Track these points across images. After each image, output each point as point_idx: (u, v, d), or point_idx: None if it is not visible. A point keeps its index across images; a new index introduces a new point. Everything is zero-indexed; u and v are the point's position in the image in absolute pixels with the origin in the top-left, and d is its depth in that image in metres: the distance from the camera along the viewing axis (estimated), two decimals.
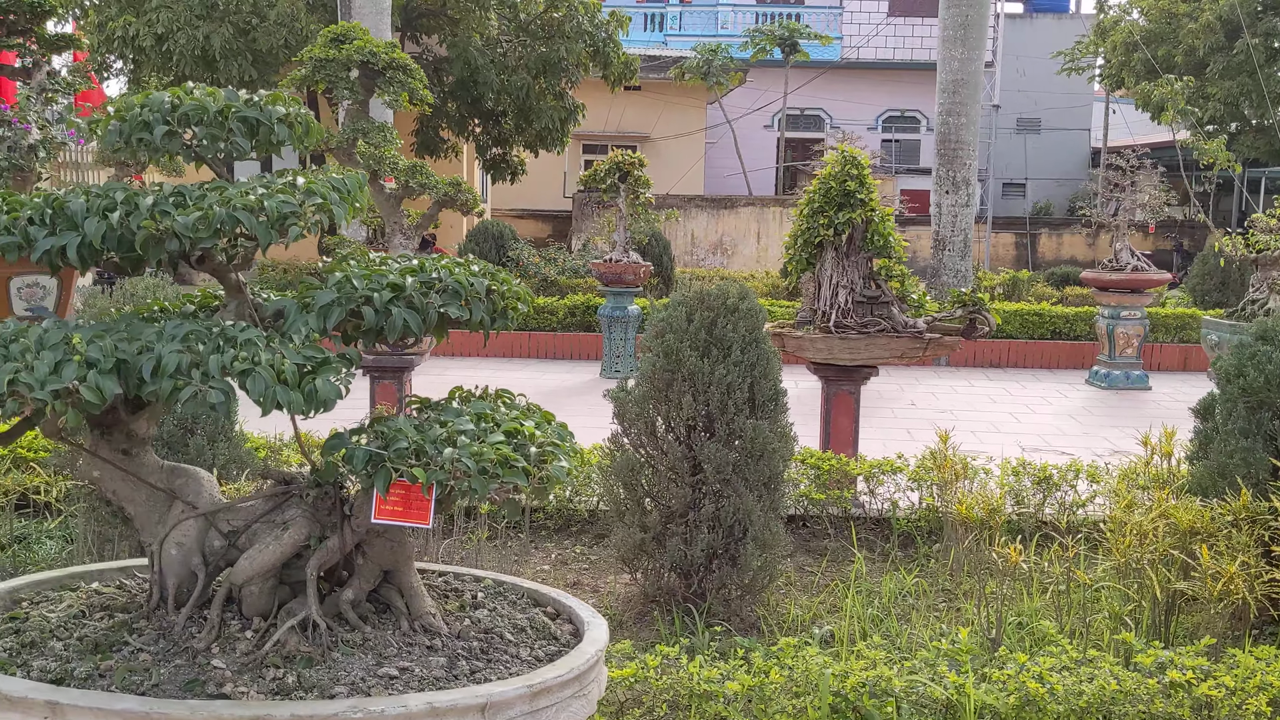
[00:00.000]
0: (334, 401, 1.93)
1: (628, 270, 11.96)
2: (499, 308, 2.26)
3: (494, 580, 2.62)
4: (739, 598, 4.66)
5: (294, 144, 2.25)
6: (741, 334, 4.62)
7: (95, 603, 2.36)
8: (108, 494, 2.30)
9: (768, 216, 22.98)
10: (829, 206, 6.52)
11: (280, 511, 2.28)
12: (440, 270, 2.19)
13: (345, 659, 2.13)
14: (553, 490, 2.05)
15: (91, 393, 1.87)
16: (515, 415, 2.18)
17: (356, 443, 2.06)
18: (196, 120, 2.19)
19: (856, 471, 5.92)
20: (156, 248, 2.05)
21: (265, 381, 1.87)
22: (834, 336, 6.37)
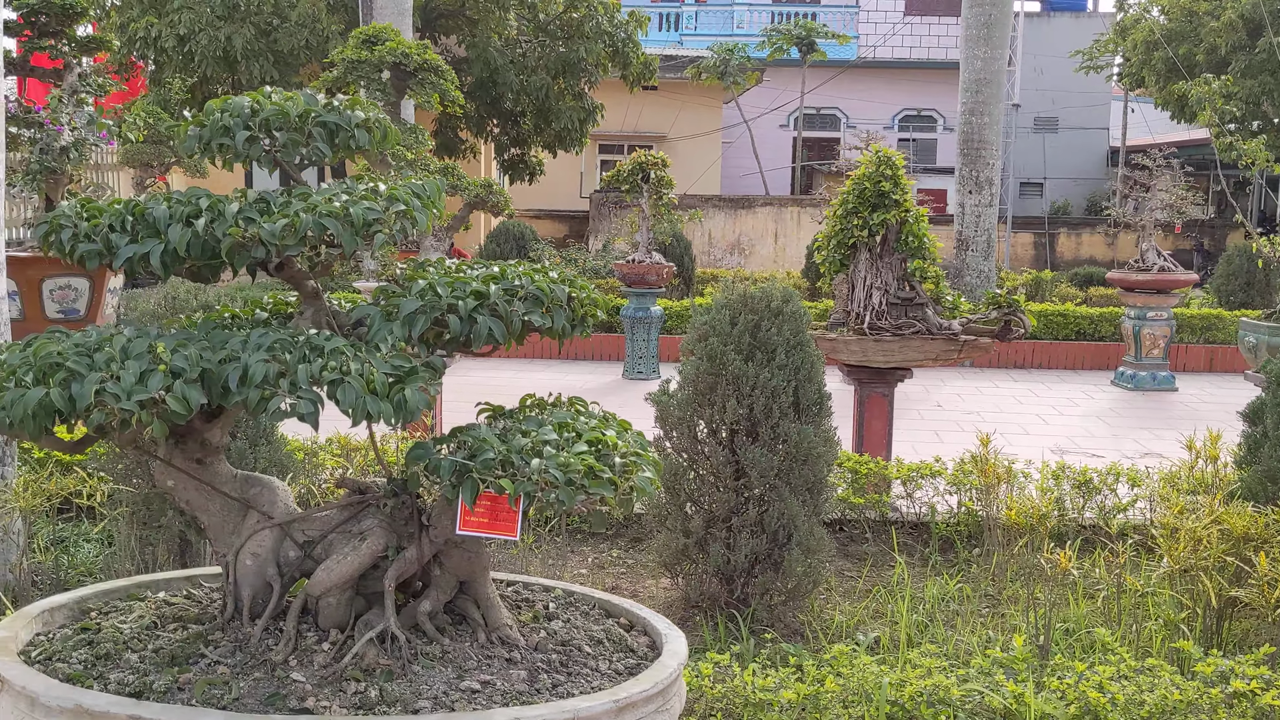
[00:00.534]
0: (420, 411, 1.91)
1: (651, 271, 11.92)
2: (578, 315, 2.23)
3: (564, 590, 2.59)
4: (783, 603, 4.62)
5: (372, 149, 2.22)
6: (786, 337, 4.58)
7: (166, 613, 2.33)
8: (181, 504, 2.27)
9: (785, 216, 22.92)
10: (863, 207, 6.48)
11: (356, 521, 2.25)
12: (522, 278, 2.16)
13: (426, 672, 2.10)
14: (638, 501, 2.01)
15: (178, 403, 1.84)
16: (595, 424, 2.15)
17: (441, 452, 2.03)
18: (278, 126, 2.16)
19: (894, 475, 5.88)
20: (242, 255, 2.02)
21: (356, 392, 1.84)
22: (868, 338, 6.32)
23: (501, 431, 2.08)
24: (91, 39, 7.95)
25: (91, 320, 7.23)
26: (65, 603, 2.39)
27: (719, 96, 26.75)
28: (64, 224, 2.13)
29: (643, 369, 12.01)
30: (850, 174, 6.85)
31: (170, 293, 4.72)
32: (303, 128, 2.18)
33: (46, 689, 1.93)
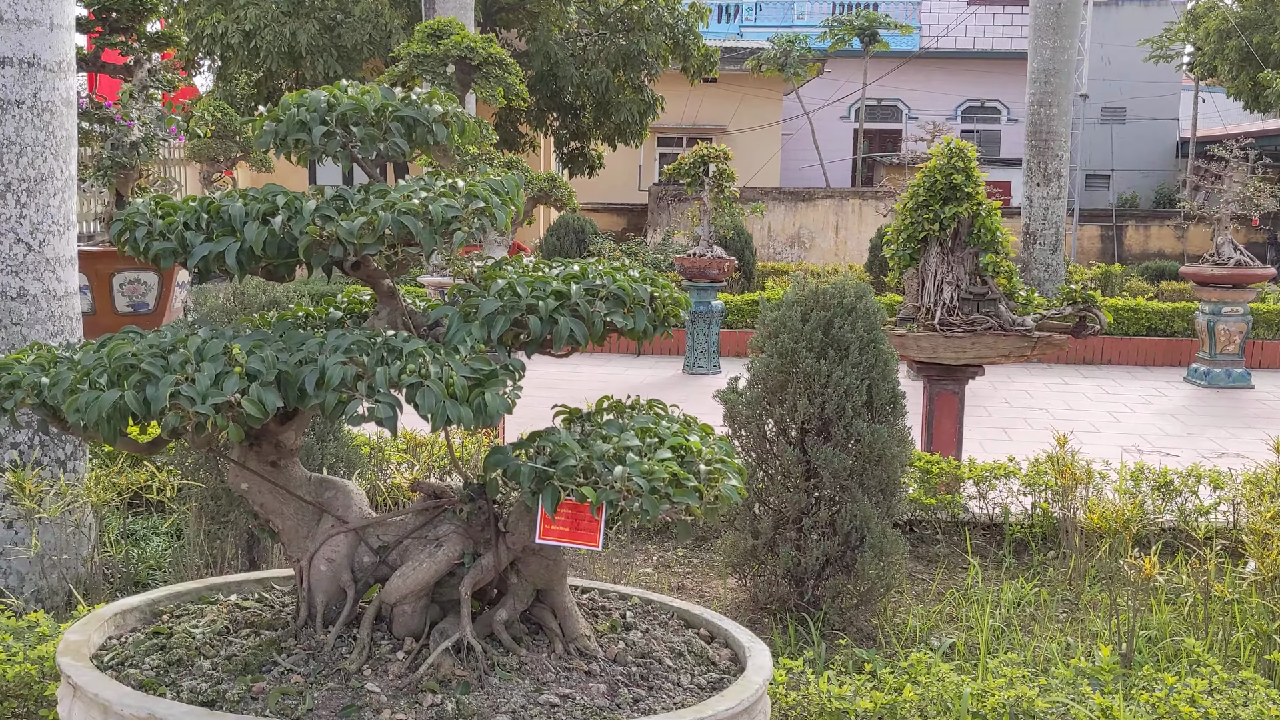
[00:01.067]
0: (500, 416, 1.84)
1: (712, 265, 11.83)
2: (660, 315, 2.15)
3: (641, 599, 2.52)
4: (855, 607, 4.52)
5: (451, 144, 2.16)
6: (860, 334, 4.48)
7: (239, 618, 2.29)
8: (255, 507, 2.23)
9: (846, 209, 22.70)
10: (934, 200, 6.34)
11: (432, 527, 2.19)
12: (603, 277, 2.09)
13: (503, 684, 2.04)
14: (723, 510, 1.94)
15: (254, 406, 1.80)
16: (677, 429, 2.07)
17: (520, 458, 1.97)
18: (355, 120, 2.10)
19: (967, 475, 5.74)
20: (319, 254, 1.97)
21: (435, 396, 1.78)
22: (939, 335, 6.19)
23: (581, 436, 2.01)
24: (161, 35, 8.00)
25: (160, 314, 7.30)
26: (137, 605, 2.36)
27: (779, 88, 26.55)
28: (138, 222, 2.09)
29: (703, 364, 11.92)
30: (916, 165, 6.71)
31: (239, 289, 4.71)
32: (380, 122, 2.13)
33: (119, 697, 1.89)
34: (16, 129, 4.58)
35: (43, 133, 4.66)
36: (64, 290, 4.77)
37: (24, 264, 4.58)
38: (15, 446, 4.55)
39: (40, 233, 4.67)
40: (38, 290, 4.63)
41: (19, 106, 4.59)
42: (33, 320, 4.63)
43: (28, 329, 4.62)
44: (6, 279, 4.55)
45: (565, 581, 2.23)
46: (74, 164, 4.95)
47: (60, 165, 4.75)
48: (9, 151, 4.57)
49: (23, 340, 4.59)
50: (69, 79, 4.81)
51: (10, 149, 4.57)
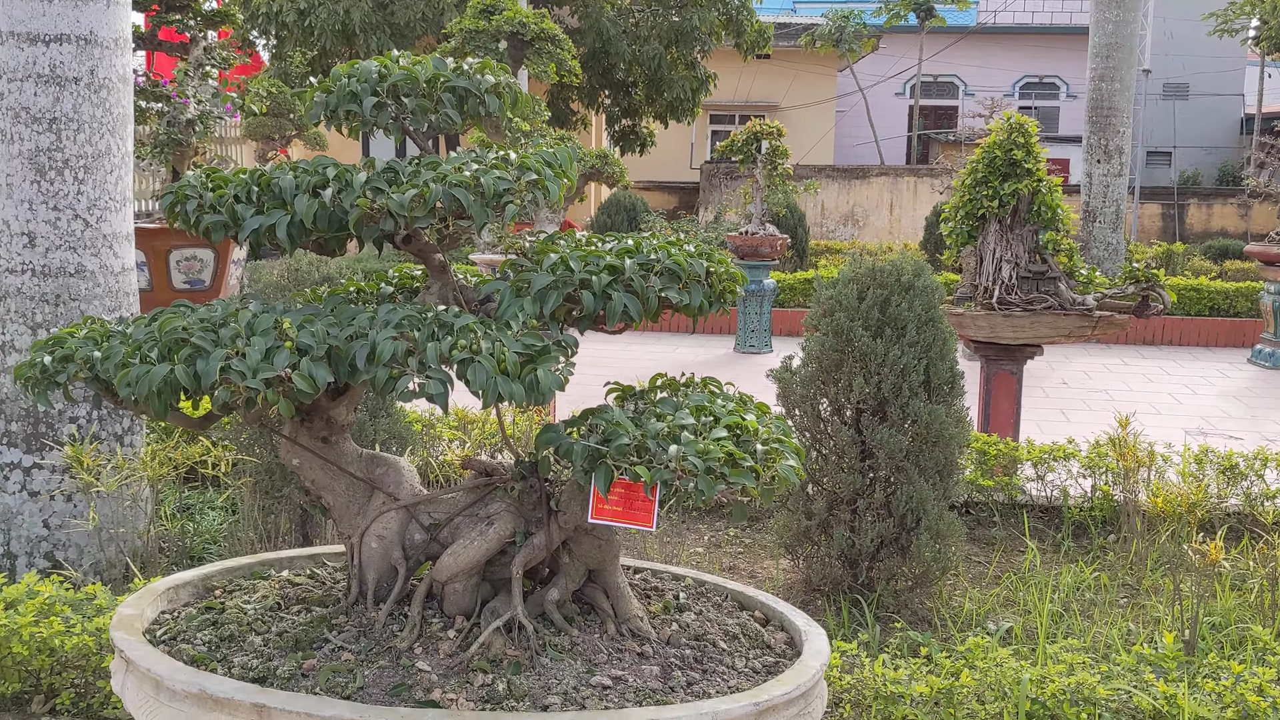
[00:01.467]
0: (553, 393, 1.80)
1: (764, 243, 11.73)
2: (716, 290, 2.10)
3: (694, 580, 2.48)
4: (910, 590, 4.45)
5: (502, 115, 2.12)
6: (917, 313, 4.40)
7: (290, 594, 2.28)
8: (306, 483, 2.22)
9: (901, 187, 22.43)
10: (993, 177, 6.23)
11: (483, 505, 2.17)
12: (658, 251, 2.04)
13: (554, 665, 2.01)
14: (780, 491, 1.89)
15: (304, 381, 1.77)
16: (733, 408, 2.02)
17: (572, 436, 1.93)
18: (406, 91, 2.07)
19: (1025, 457, 5.64)
20: (369, 228, 1.94)
21: (487, 372, 1.75)
22: (997, 314, 6.08)
23: (635, 415, 1.97)
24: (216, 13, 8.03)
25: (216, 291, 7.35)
26: (190, 580, 2.36)
27: (833, 65, 26.26)
28: (189, 195, 2.07)
29: (754, 343, 11.84)
30: (973, 142, 6.59)
31: (293, 264, 4.72)
32: (431, 93, 2.09)
33: (171, 672, 1.89)
34: (74, 105, 4.61)
35: (100, 109, 4.69)
36: (121, 266, 4.80)
37: (81, 240, 4.62)
38: (74, 421, 4.60)
39: (97, 209, 4.70)
40: (95, 266, 4.66)
41: (76, 83, 4.62)
42: (90, 296, 4.66)
43: (85, 305, 4.66)
44: (65, 255, 4.59)
45: (618, 561, 2.20)
46: (130, 141, 4.97)
47: (117, 142, 4.78)
48: (67, 128, 4.60)
49: (80, 316, 4.63)
50: (125, 55, 4.83)
51: (68, 126, 4.61)
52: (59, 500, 4.60)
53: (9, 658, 3.45)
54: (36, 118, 4.57)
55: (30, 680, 3.54)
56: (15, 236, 4.60)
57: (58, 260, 4.61)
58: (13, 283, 4.60)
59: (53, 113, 4.57)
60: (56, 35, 4.59)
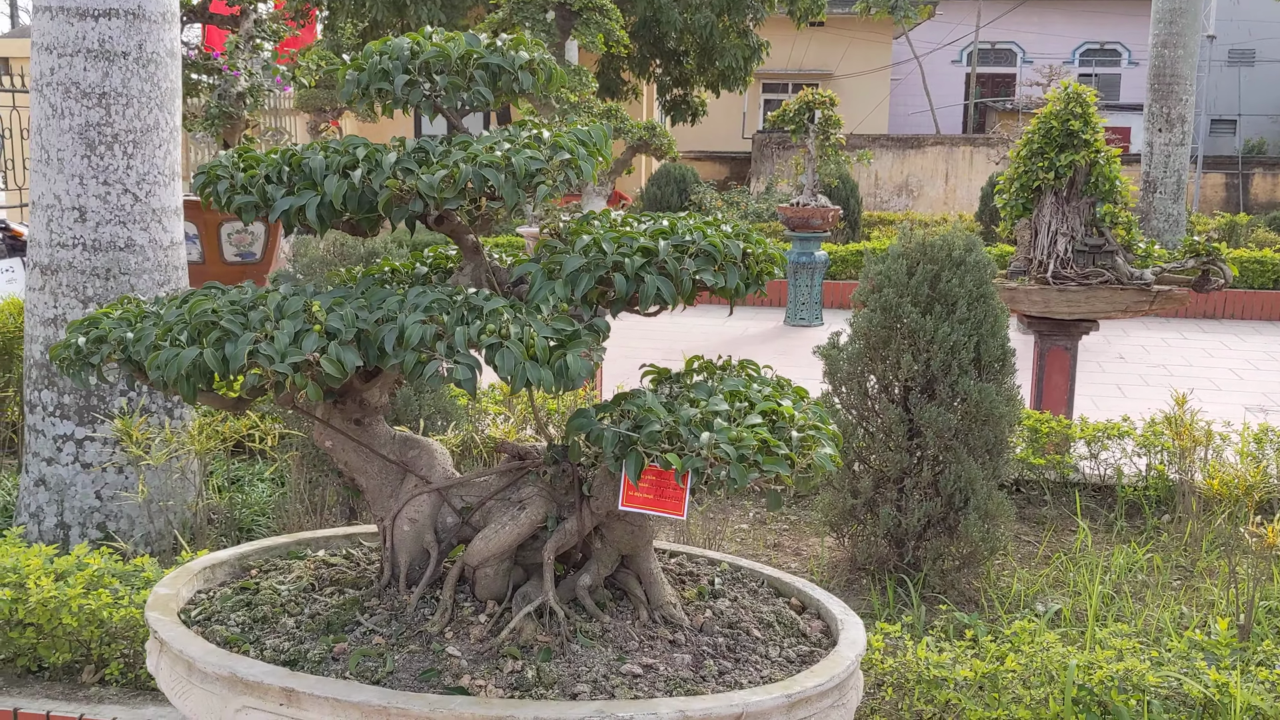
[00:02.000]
0: (583, 379, 1.77)
1: (815, 214, 11.61)
2: (753, 272, 2.06)
3: (730, 565, 2.44)
4: (956, 570, 4.39)
5: (536, 91, 2.08)
6: (969, 289, 4.31)
7: (325, 575, 2.28)
8: (340, 465, 2.21)
9: (956, 156, 22.12)
10: (1049, 148, 6.10)
11: (515, 489, 2.14)
12: (693, 232, 2.00)
13: (585, 652, 1.99)
14: (817, 480, 1.85)
15: (332, 365, 1.76)
16: (769, 393, 1.98)
17: (603, 421, 1.90)
18: (438, 69, 2.03)
19: (1078, 435, 5.54)
20: (399, 209, 1.92)
21: (515, 358, 1.72)
22: (1051, 288, 5.97)
23: (668, 399, 1.93)
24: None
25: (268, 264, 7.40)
26: (227, 559, 2.37)
27: (888, 32, 25.88)
28: (220, 175, 2.06)
29: (805, 315, 11.75)
30: (1030, 111, 6.46)
31: (339, 239, 4.73)
32: (464, 70, 2.06)
33: (203, 654, 1.89)
34: (123, 80, 4.63)
35: (148, 84, 4.71)
36: (170, 240, 4.83)
37: (131, 214, 4.65)
38: (124, 394, 4.65)
39: (146, 183, 4.73)
40: (144, 240, 4.70)
41: (125, 58, 4.64)
42: (139, 270, 4.70)
43: (135, 279, 4.70)
44: (114, 229, 4.63)
45: (651, 547, 2.17)
46: (179, 115, 4.99)
47: (165, 116, 4.80)
48: (116, 103, 4.63)
49: (130, 290, 4.67)
50: (173, 29, 4.84)
51: (117, 100, 4.63)
52: (110, 472, 4.66)
53: (59, 629, 3.50)
54: (86, 93, 4.60)
55: (80, 650, 3.60)
56: (66, 211, 4.65)
57: (108, 235, 4.65)
58: (64, 257, 4.65)
59: (102, 87, 4.60)
60: (105, 10, 4.61)
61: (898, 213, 18.79)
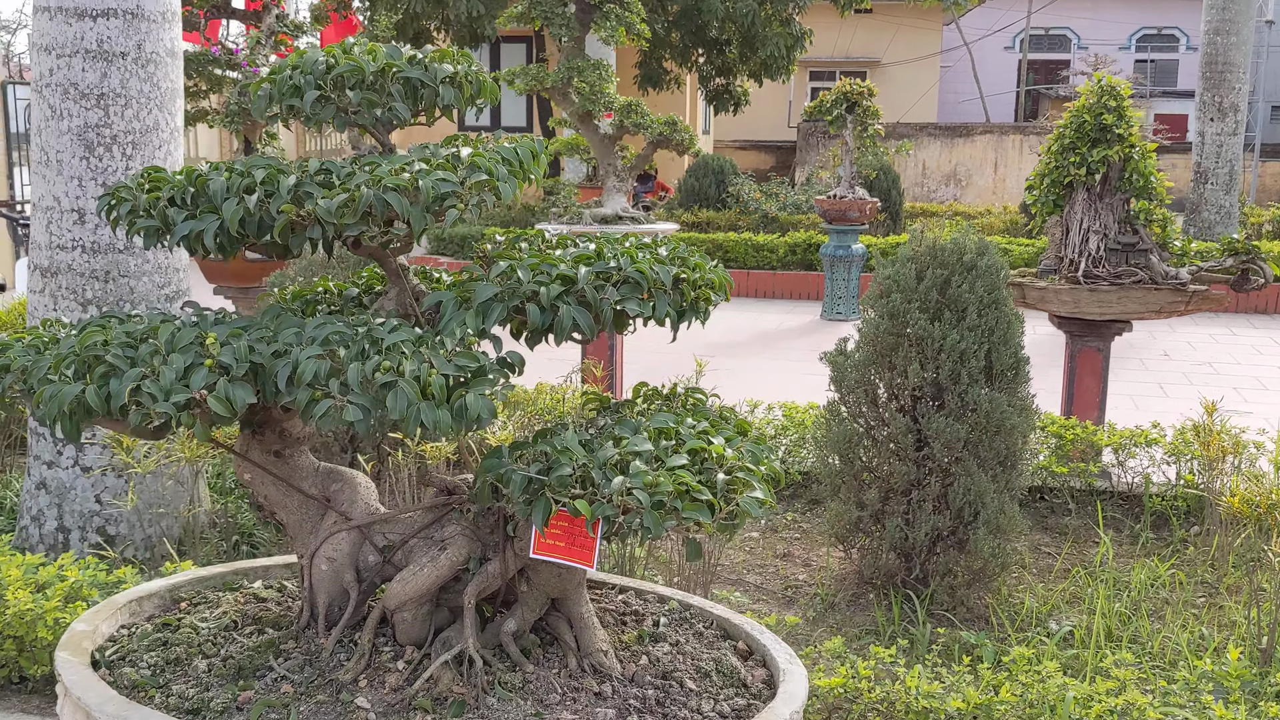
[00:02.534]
0: (489, 419, 1.66)
1: (852, 207, 11.41)
2: (688, 299, 1.93)
3: (680, 603, 2.31)
4: (966, 585, 4.23)
5: (460, 106, 1.96)
6: (979, 294, 4.14)
7: (250, 612, 2.19)
8: (260, 499, 2.11)
9: (1006, 145, 21.73)
10: (1081, 142, 5.90)
11: (439, 527, 2.03)
12: (621, 257, 1.87)
13: (501, 705, 1.87)
14: (741, 526, 1.72)
15: (220, 404, 1.66)
16: (703, 429, 1.85)
17: (515, 463, 1.79)
18: (353, 83, 1.92)
19: (1105, 442, 5.34)
20: (298, 235, 1.81)
21: (408, 398, 1.61)
22: (1082, 288, 5.77)
23: (592, 437, 1.81)
24: None
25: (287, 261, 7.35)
26: (157, 590, 2.28)
27: (938, 18, 25.45)
28: (124, 197, 1.97)
29: (842, 309, 11.55)
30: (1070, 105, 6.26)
31: None
32: (382, 85, 1.94)
33: (100, 703, 1.80)
34: (121, 81, 4.58)
35: (147, 84, 4.65)
36: None
37: None
38: None
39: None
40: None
41: (123, 58, 4.59)
42: (139, 272, 4.66)
43: (134, 281, 4.65)
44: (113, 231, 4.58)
45: (582, 589, 2.05)
46: (180, 115, 4.93)
47: (165, 117, 4.74)
48: (114, 104, 4.57)
49: (130, 292, 4.63)
50: (173, 29, 4.78)
51: (116, 101, 4.58)
52: (110, 476, 4.63)
53: (37, 642, 3.46)
54: (85, 93, 4.56)
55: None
56: (65, 213, 4.61)
57: (107, 236, 4.60)
58: (64, 259, 4.61)
59: (100, 88, 4.55)
60: (104, 9, 4.55)
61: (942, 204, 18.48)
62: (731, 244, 13.00)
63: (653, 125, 6.52)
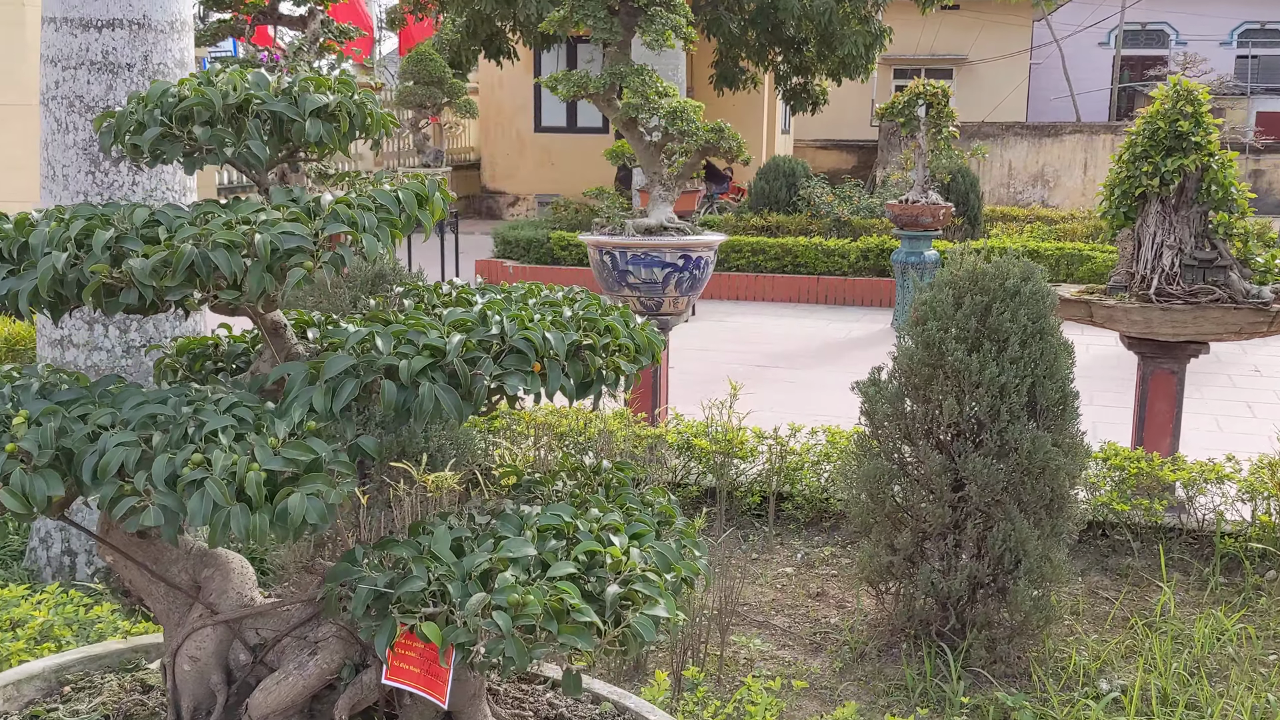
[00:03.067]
0: (321, 524, 1.40)
1: (925, 212, 10.98)
2: (594, 368, 1.64)
3: (615, 705, 2.03)
4: (1006, 639, 3.88)
5: (334, 143, 1.71)
6: (1022, 324, 3.79)
7: (125, 708, 1.97)
8: (126, 583, 1.89)
9: (1097, 145, 20.96)
10: (1155, 150, 5.48)
11: (315, 624, 1.79)
12: (508, 322, 1.59)
13: None
14: (635, 652, 1.44)
15: (14, 500, 1.43)
16: (608, 522, 1.57)
17: (369, 568, 1.53)
18: (204, 119, 1.68)
19: (1173, 477, 4.92)
20: (111, 301, 1.58)
21: (215, 500, 1.36)
22: (1154, 307, 5.35)
23: (469, 537, 1.54)
24: None
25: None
26: (40, 672, 2.08)
27: (1027, 14, 24.69)
28: None
29: None
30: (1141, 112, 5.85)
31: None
32: (240, 120, 1.70)
33: None
34: (128, 93, 4.44)
35: None
36: None
37: None
38: None
39: (154, 199, 4.53)
40: None
41: (129, 70, 4.45)
42: None
43: None
44: None
45: (481, 700, 1.78)
46: None
47: None
48: None
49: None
50: (183, 39, 4.63)
51: None
52: None
53: None
54: (90, 106, 4.43)
55: None
56: None
57: None
58: None
59: (106, 101, 4.41)
60: (109, 20, 4.42)
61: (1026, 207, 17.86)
62: (801, 249, 12.64)
63: (698, 133, 6.22)
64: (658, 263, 6.12)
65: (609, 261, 6.11)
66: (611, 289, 6.20)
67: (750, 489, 5.38)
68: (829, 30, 16.63)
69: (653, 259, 6.11)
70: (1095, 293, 5.86)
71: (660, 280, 6.14)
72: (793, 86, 18.39)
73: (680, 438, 5.47)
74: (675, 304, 6.39)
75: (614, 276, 6.15)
